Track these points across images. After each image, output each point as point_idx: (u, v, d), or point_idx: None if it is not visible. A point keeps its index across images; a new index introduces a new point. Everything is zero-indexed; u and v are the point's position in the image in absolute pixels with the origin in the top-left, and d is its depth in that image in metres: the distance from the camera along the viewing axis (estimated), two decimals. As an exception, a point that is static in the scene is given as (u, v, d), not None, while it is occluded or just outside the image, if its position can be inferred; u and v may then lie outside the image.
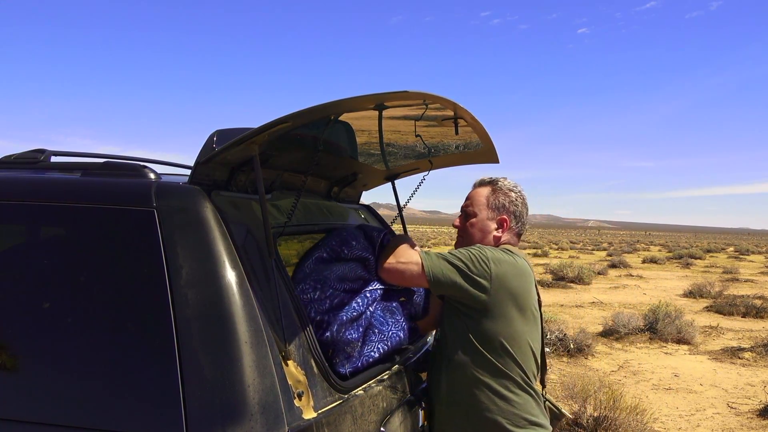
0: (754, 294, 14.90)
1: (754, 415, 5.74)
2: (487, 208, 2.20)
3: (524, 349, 2.06)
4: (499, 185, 2.24)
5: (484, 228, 2.20)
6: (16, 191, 1.79)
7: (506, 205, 2.21)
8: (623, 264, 24.71)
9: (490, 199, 2.21)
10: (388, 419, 1.94)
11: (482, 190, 2.25)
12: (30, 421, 1.55)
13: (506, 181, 2.26)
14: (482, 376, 2.04)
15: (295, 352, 1.60)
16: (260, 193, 1.64)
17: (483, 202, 2.21)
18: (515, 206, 2.22)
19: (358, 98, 1.59)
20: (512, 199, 2.22)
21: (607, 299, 13.92)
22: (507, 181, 2.26)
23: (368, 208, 2.95)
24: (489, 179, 2.27)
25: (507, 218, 2.21)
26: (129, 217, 1.63)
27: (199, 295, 1.51)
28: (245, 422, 1.42)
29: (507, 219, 2.21)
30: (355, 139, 2.23)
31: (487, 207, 2.20)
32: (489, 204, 2.21)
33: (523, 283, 2.07)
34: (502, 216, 2.21)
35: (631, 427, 4.69)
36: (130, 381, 1.51)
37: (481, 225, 2.21)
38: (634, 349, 8.53)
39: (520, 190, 2.27)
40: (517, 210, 2.23)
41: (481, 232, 2.21)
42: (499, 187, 2.23)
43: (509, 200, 2.21)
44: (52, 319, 1.60)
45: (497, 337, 2.02)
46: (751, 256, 38.68)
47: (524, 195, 2.27)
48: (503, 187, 2.24)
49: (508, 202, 2.21)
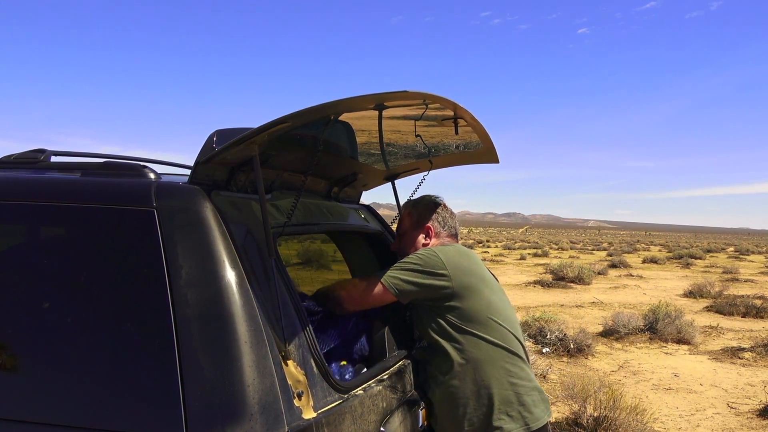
0: (754, 294, 14.90)
1: (754, 415, 5.74)
2: (411, 223, 2.41)
3: (506, 315, 2.22)
4: (417, 202, 2.47)
5: (413, 239, 2.39)
6: (16, 191, 1.79)
7: (425, 214, 2.40)
8: (623, 264, 24.71)
9: (413, 215, 2.42)
10: (387, 419, 1.95)
11: (405, 212, 2.47)
12: (30, 421, 1.55)
13: (424, 197, 2.49)
14: (481, 355, 2.15)
15: (294, 352, 1.60)
16: (260, 193, 1.64)
17: (406, 221, 2.43)
18: (435, 213, 2.42)
19: (358, 98, 1.59)
20: (431, 208, 2.42)
21: (607, 299, 13.92)
22: (425, 197, 2.49)
23: (368, 208, 2.95)
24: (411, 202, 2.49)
25: (430, 225, 2.39)
26: (129, 217, 1.63)
27: (199, 295, 1.51)
28: (245, 422, 1.42)
29: (431, 226, 2.39)
30: (355, 139, 2.23)
31: (410, 222, 2.41)
32: (412, 220, 2.41)
33: (472, 259, 2.27)
34: (425, 225, 2.40)
35: (631, 427, 4.69)
36: (130, 381, 1.51)
37: (409, 238, 2.40)
38: (634, 349, 8.53)
39: (436, 199, 2.48)
40: (439, 216, 2.42)
41: (412, 245, 2.39)
42: (416, 203, 2.46)
43: (427, 209, 2.42)
44: (52, 319, 1.60)
45: (479, 313, 2.16)
46: (751, 256, 38.68)
47: (442, 201, 2.47)
48: (420, 202, 2.46)
49: (427, 211, 2.41)
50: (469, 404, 2.15)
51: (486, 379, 2.13)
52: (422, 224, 2.39)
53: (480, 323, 2.15)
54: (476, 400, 2.14)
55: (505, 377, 2.15)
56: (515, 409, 2.14)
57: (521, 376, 2.19)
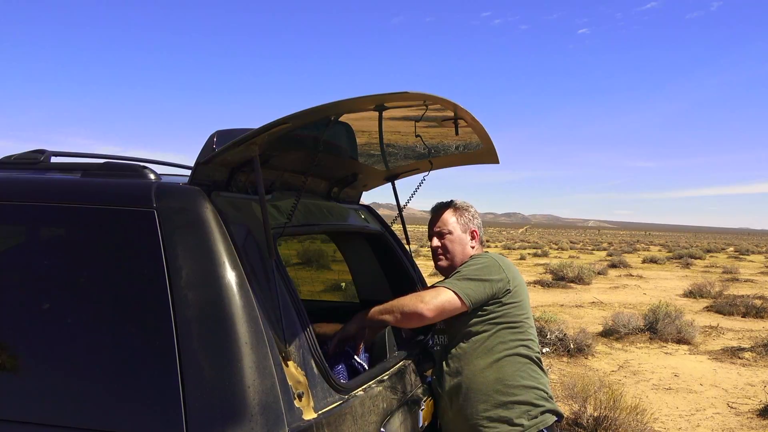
0: (754, 294, 14.89)
1: (754, 415, 5.74)
2: (458, 225, 2.50)
3: (532, 321, 2.42)
4: (458, 205, 2.54)
5: (462, 241, 2.49)
6: (17, 192, 1.79)
7: (471, 219, 2.52)
8: (623, 264, 24.70)
9: (458, 218, 2.51)
10: (388, 420, 1.95)
11: (447, 212, 2.52)
12: (30, 421, 1.55)
13: (459, 201, 2.58)
14: (513, 355, 2.29)
15: (295, 352, 1.60)
16: (260, 193, 1.63)
17: (453, 221, 2.50)
18: (476, 219, 2.55)
19: (358, 99, 1.59)
20: (472, 213, 2.54)
21: (607, 299, 13.92)
22: (460, 201, 2.58)
23: (368, 209, 2.95)
24: (445, 203, 2.56)
25: (476, 230, 2.52)
26: (129, 217, 1.63)
27: (200, 295, 1.51)
28: (245, 423, 1.42)
29: (476, 230, 2.52)
30: (355, 139, 2.23)
31: (457, 224, 2.50)
32: (458, 222, 2.50)
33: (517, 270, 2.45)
34: (471, 229, 2.52)
35: (631, 427, 4.69)
36: (131, 382, 1.51)
37: (459, 240, 2.49)
38: (634, 349, 8.53)
39: (471, 205, 2.60)
40: (478, 221, 2.55)
41: (461, 246, 2.49)
42: (458, 207, 2.54)
43: (470, 215, 2.53)
44: (53, 319, 1.60)
45: (518, 316, 2.33)
46: (751, 256, 38.67)
47: (476, 210, 2.60)
48: (461, 206, 2.54)
49: (470, 216, 2.53)
50: (490, 400, 2.24)
51: (515, 379, 2.26)
52: (469, 228, 2.51)
53: (517, 326, 2.32)
54: (501, 397, 2.24)
55: (530, 379, 2.29)
56: (536, 411, 2.27)
57: (542, 382, 2.35)
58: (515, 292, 2.34)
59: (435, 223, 2.52)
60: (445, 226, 2.49)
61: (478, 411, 2.25)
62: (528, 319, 2.39)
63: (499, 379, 2.26)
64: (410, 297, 2.27)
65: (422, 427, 2.25)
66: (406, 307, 2.22)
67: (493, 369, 2.26)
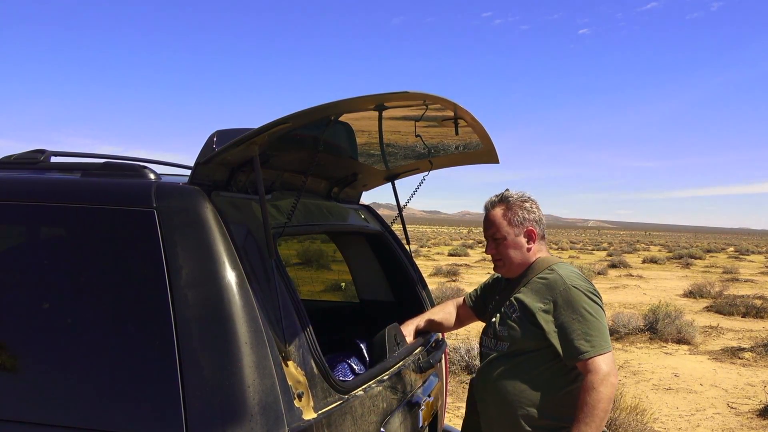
0: (754, 294, 14.89)
1: (754, 415, 5.74)
2: (511, 227, 2.21)
3: None
4: (511, 201, 2.24)
5: (518, 245, 2.22)
6: (16, 191, 1.79)
7: (526, 217, 2.22)
8: (623, 264, 24.71)
9: (510, 217, 2.22)
10: (388, 420, 1.95)
11: (498, 211, 2.24)
12: (30, 421, 1.54)
13: (513, 193, 2.27)
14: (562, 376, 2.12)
15: (295, 352, 1.60)
16: (260, 193, 1.63)
17: (505, 223, 2.22)
18: (533, 214, 2.24)
19: (358, 99, 1.59)
20: (528, 208, 2.24)
21: (607, 299, 13.91)
22: (515, 193, 2.27)
23: (368, 209, 2.95)
24: (497, 198, 2.27)
25: (533, 228, 2.23)
26: (129, 217, 1.63)
27: (199, 295, 1.51)
28: (245, 423, 1.42)
29: (533, 229, 2.23)
30: (355, 139, 2.23)
31: (510, 225, 2.21)
32: (511, 222, 2.22)
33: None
34: (527, 228, 2.22)
35: (631, 427, 4.69)
36: (131, 381, 1.51)
37: (513, 244, 2.22)
38: (634, 349, 8.53)
39: (530, 196, 2.28)
40: (536, 216, 2.25)
41: (517, 250, 2.23)
42: (511, 203, 2.24)
43: (526, 210, 2.23)
44: (52, 319, 1.60)
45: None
46: (751, 256, 38.68)
47: (534, 199, 2.28)
48: (515, 200, 2.24)
49: (526, 212, 2.23)
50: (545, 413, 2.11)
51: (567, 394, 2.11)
52: (525, 226, 2.22)
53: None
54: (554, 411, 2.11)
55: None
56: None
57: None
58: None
59: (486, 226, 2.26)
60: (498, 231, 2.22)
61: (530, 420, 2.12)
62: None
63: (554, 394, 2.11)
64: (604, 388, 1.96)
65: (422, 427, 2.25)
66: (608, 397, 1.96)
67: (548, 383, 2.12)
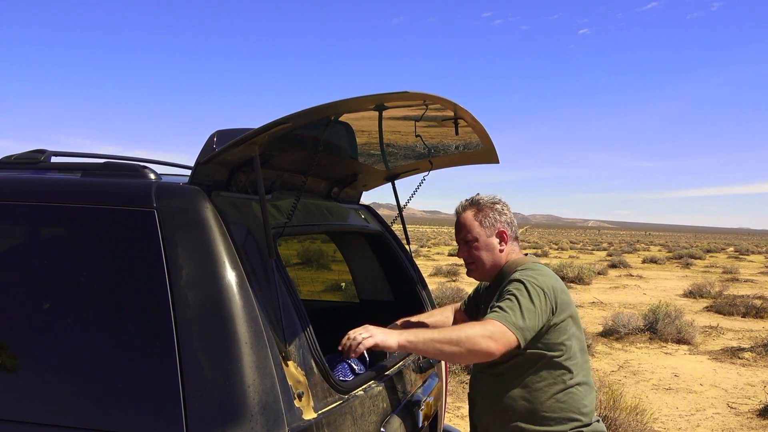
0: (754, 294, 14.89)
1: (754, 415, 5.74)
2: (483, 228, 2.23)
3: (578, 349, 2.14)
4: (481, 203, 2.26)
5: (489, 246, 2.23)
6: (17, 191, 1.79)
7: (498, 218, 2.24)
8: (623, 264, 24.71)
9: (481, 219, 2.24)
10: (388, 420, 1.95)
11: (469, 214, 2.26)
12: (30, 421, 1.55)
13: (484, 196, 2.29)
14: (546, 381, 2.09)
15: (295, 352, 1.60)
16: (260, 193, 1.64)
17: (476, 225, 2.23)
18: (504, 215, 2.26)
19: (358, 99, 1.59)
20: (499, 210, 2.25)
21: (607, 299, 13.91)
22: (485, 196, 2.30)
23: (368, 209, 2.95)
24: (468, 202, 2.29)
25: (504, 229, 2.24)
26: (129, 217, 1.63)
27: (200, 295, 1.51)
28: (245, 423, 1.42)
29: (504, 230, 2.24)
30: (355, 139, 2.23)
31: (481, 227, 2.23)
32: (482, 224, 2.23)
33: (565, 290, 2.17)
34: (499, 229, 2.24)
35: (631, 427, 4.69)
36: (131, 381, 1.51)
37: (485, 245, 2.23)
38: (634, 349, 8.53)
39: (501, 198, 2.30)
40: (507, 218, 2.26)
41: (489, 252, 2.23)
42: (482, 205, 2.26)
43: (497, 212, 2.24)
44: (53, 319, 1.60)
45: (559, 345, 2.09)
46: (751, 256, 38.68)
47: (505, 202, 2.30)
48: (486, 203, 2.26)
49: (497, 214, 2.24)
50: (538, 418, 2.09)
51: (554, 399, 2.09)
52: (496, 228, 2.23)
53: (558, 352, 2.10)
54: (543, 417, 2.09)
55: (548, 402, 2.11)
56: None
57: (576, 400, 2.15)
58: (559, 318, 2.08)
59: (458, 229, 2.27)
60: (470, 233, 2.23)
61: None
62: (576, 348, 2.13)
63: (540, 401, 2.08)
64: (479, 331, 1.91)
65: (422, 427, 2.25)
66: (478, 346, 1.88)
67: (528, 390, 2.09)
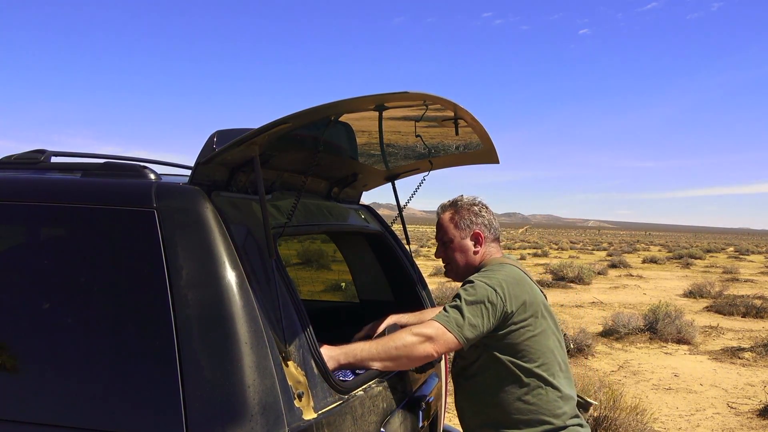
0: (754, 294, 14.90)
1: (754, 415, 5.74)
2: (458, 229, 2.26)
3: (546, 349, 2.11)
4: (459, 205, 2.29)
5: (463, 247, 2.26)
6: (17, 191, 1.79)
7: (474, 220, 2.26)
8: (623, 264, 24.71)
9: (457, 221, 2.26)
10: (388, 420, 1.95)
11: (446, 215, 2.29)
12: (30, 421, 1.55)
13: (464, 198, 2.32)
14: (511, 383, 2.07)
15: (295, 352, 1.60)
16: (260, 193, 1.64)
17: (452, 226, 2.27)
18: (481, 217, 2.27)
19: (359, 99, 1.59)
20: (476, 212, 2.27)
21: (607, 299, 13.92)
22: (466, 198, 2.32)
23: (368, 209, 2.95)
24: (448, 203, 2.32)
25: (479, 231, 2.25)
26: (129, 217, 1.63)
27: (200, 295, 1.51)
28: (245, 423, 1.42)
29: (480, 232, 2.25)
30: (355, 139, 2.23)
31: (456, 228, 2.26)
32: (457, 225, 2.26)
33: (527, 289, 2.12)
34: (474, 231, 2.25)
35: (631, 427, 4.69)
36: (130, 382, 1.51)
37: (459, 246, 2.26)
38: (634, 349, 8.53)
39: (480, 200, 2.32)
40: (485, 220, 2.28)
41: (462, 253, 2.26)
42: (459, 206, 2.29)
43: (473, 213, 2.26)
44: (52, 319, 1.60)
45: (521, 345, 2.06)
46: (751, 256, 38.69)
47: (485, 203, 2.32)
48: (464, 204, 2.29)
49: (474, 216, 2.26)
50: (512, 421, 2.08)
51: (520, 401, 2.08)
52: (472, 229, 2.25)
53: (518, 354, 2.08)
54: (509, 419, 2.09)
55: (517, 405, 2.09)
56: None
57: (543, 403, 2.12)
58: (516, 318, 2.05)
59: (437, 230, 2.31)
60: (446, 234, 2.27)
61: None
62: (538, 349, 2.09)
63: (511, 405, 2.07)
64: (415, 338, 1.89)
65: (422, 427, 2.25)
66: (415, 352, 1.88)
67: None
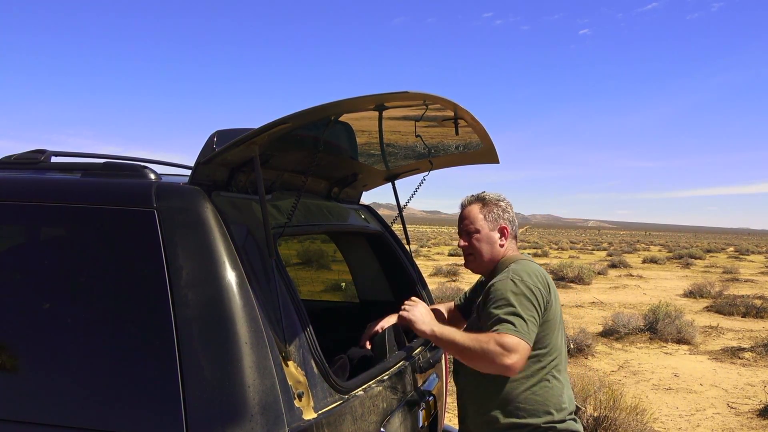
0: (754, 294, 14.89)
1: (754, 415, 5.74)
2: (486, 221, 2.30)
3: (558, 343, 2.26)
4: (487, 199, 2.34)
5: (490, 239, 2.30)
6: (17, 191, 1.79)
7: (501, 215, 2.32)
8: (623, 264, 24.70)
9: (486, 213, 2.31)
10: (388, 420, 1.95)
11: (474, 207, 2.33)
12: (30, 421, 1.55)
13: (490, 193, 2.37)
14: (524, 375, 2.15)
15: (295, 352, 1.60)
16: (260, 193, 1.64)
17: (480, 218, 2.31)
18: (507, 213, 2.34)
19: (359, 99, 1.59)
20: (503, 207, 2.34)
21: (607, 299, 13.92)
22: (491, 194, 2.37)
23: (368, 209, 2.95)
24: (475, 196, 2.37)
25: (506, 226, 2.32)
26: (129, 217, 1.63)
27: (200, 295, 1.51)
28: (245, 423, 1.42)
29: (506, 227, 2.32)
30: (356, 139, 2.23)
31: (485, 221, 2.30)
32: (486, 218, 2.31)
33: (552, 289, 2.23)
34: (501, 225, 2.31)
35: (631, 427, 4.69)
36: (131, 381, 1.51)
37: (486, 238, 2.30)
38: (634, 349, 8.53)
39: (505, 197, 2.38)
40: (510, 216, 2.35)
41: (489, 244, 2.30)
42: (487, 201, 2.34)
43: (501, 209, 2.33)
44: (53, 319, 1.61)
45: (547, 338, 2.19)
46: (751, 256, 38.68)
47: (509, 201, 2.39)
48: (491, 199, 2.34)
49: (501, 211, 2.32)
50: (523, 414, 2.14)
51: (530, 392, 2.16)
52: (498, 224, 2.31)
53: (540, 347, 2.17)
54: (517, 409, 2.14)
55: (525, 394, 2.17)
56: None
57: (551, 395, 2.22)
58: (547, 314, 2.16)
59: (462, 219, 2.34)
60: (472, 224, 2.30)
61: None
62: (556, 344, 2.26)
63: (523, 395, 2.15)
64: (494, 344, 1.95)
65: (422, 427, 2.25)
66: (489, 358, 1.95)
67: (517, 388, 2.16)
